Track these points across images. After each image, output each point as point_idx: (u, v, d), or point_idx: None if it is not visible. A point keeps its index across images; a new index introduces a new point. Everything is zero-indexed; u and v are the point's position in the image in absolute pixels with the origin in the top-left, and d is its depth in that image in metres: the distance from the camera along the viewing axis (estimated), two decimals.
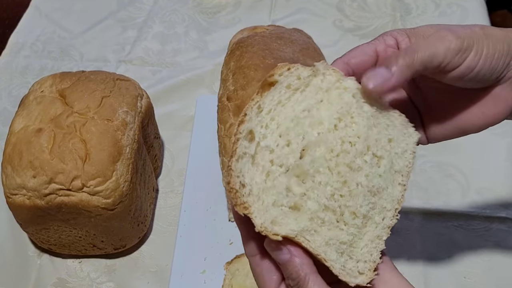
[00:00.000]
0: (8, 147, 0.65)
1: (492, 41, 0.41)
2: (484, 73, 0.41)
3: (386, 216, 0.42)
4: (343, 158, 0.39)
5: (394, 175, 0.42)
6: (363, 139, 0.40)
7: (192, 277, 0.70)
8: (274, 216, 0.38)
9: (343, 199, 0.40)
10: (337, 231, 0.40)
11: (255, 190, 0.38)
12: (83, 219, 0.66)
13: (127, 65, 0.99)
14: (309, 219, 0.39)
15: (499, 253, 0.72)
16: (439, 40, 0.40)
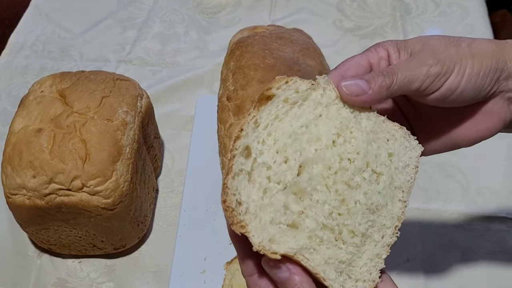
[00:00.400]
0: (8, 147, 0.65)
1: (478, 59, 0.41)
2: (469, 93, 0.41)
3: (386, 234, 0.41)
4: (341, 176, 0.39)
5: (394, 191, 0.41)
6: (362, 155, 0.40)
7: (192, 277, 0.70)
8: (272, 234, 0.37)
9: (341, 217, 0.39)
10: (336, 249, 0.39)
11: (252, 208, 0.37)
12: (83, 219, 0.66)
13: (127, 65, 0.99)
14: (308, 237, 0.38)
15: (499, 253, 0.72)
16: (418, 64, 0.41)
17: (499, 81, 0.42)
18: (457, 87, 0.41)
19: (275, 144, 0.38)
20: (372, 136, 0.41)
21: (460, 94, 0.41)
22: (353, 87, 0.40)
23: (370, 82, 0.40)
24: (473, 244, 0.73)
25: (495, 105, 0.43)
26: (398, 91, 0.41)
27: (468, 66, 0.41)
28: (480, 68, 0.41)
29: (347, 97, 0.40)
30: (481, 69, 0.41)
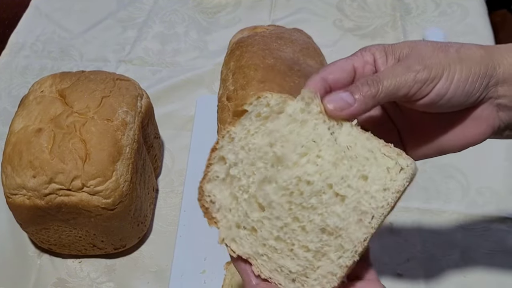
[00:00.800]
0: (8, 147, 0.65)
1: (466, 65, 0.40)
2: (458, 99, 0.41)
3: (343, 256, 0.39)
4: (295, 198, 0.39)
5: (360, 215, 0.38)
6: (324, 177, 0.39)
7: (192, 277, 0.70)
8: (235, 235, 0.42)
9: (293, 232, 0.40)
10: (288, 260, 0.40)
11: (222, 209, 0.42)
12: (83, 219, 0.66)
13: (127, 65, 0.99)
14: (262, 245, 0.41)
15: (499, 253, 0.72)
16: (405, 71, 0.40)
17: (488, 87, 0.41)
18: (446, 93, 0.40)
19: (247, 157, 0.41)
20: (346, 155, 0.39)
21: (449, 100, 0.41)
22: (337, 102, 0.40)
23: (354, 93, 0.40)
24: (473, 244, 0.73)
25: (484, 111, 0.43)
26: (385, 99, 0.40)
27: (457, 71, 0.40)
28: (468, 73, 0.40)
29: (332, 112, 0.40)
30: (469, 75, 0.40)
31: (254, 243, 0.41)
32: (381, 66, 0.42)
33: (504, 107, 0.43)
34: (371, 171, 0.38)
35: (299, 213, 0.39)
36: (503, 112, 0.43)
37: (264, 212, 0.40)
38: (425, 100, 0.41)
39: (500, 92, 0.42)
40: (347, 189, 0.38)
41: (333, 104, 0.40)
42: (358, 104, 0.40)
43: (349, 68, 0.42)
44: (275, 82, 0.67)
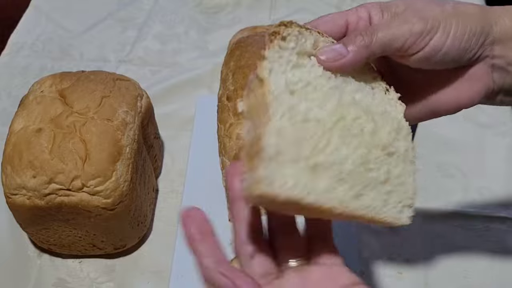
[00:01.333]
0: (8, 147, 0.65)
1: (463, 20, 0.40)
2: (454, 54, 0.40)
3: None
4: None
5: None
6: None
7: (192, 277, 0.69)
8: None
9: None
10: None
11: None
12: (83, 219, 0.66)
13: (127, 65, 0.99)
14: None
15: (499, 253, 0.72)
16: (401, 23, 0.39)
17: (484, 45, 0.41)
18: (442, 47, 0.39)
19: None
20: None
21: (445, 55, 0.40)
22: (330, 52, 0.39)
23: (347, 45, 0.39)
24: (473, 243, 0.73)
25: (478, 71, 0.42)
26: (379, 50, 0.40)
27: (453, 25, 0.39)
28: (465, 29, 0.40)
29: (325, 64, 0.39)
30: (466, 30, 0.40)
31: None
32: (376, 23, 0.42)
33: (498, 68, 0.42)
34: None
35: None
36: (496, 74, 0.42)
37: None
38: (420, 55, 0.40)
39: (495, 52, 0.41)
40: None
41: (326, 55, 0.39)
42: (351, 55, 0.39)
43: (341, 22, 0.42)
44: None
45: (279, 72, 0.39)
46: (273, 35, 0.39)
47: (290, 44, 0.40)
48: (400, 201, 0.41)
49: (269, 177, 0.34)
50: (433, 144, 0.83)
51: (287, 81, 0.38)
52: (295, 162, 0.36)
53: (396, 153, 0.41)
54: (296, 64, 0.40)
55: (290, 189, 0.35)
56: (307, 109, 0.38)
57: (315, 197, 0.36)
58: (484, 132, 0.86)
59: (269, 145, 0.35)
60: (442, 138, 0.83)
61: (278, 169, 0.35)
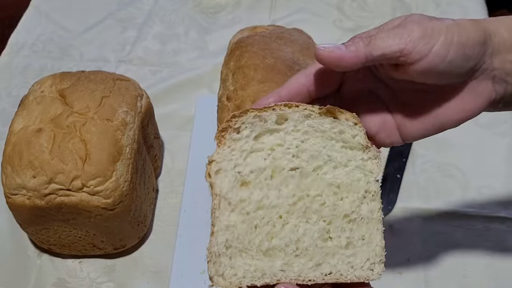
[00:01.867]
0: (8, 147, 0.65)
1: (465, 29, 0.39)
2: (458, 62, 0.39)
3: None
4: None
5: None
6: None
7: (192, 277, 0.70)
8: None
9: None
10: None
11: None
12: (83, 219, 0.66)
13: (127, 65, 0.99)
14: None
15: (499, 253, 0.72)
16: (400, 28, 0.39)
17: (485, 55, 0.41)
18: (447, 54, 0.39)
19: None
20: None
21: (450, 64, 0.39)
22: (330, 47, 0.40)
23: (347, 46, 0.40)
24: (473, 243, 0.73)
25: (480, 84, 0.42)
26: (378, 55, 0.39)
27: (455, 34, 0.39)
28: (468, 37, 0.39)
29: (323, 55, 0.39)
30: (469, 39, 0.39)
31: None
32: None
33: (499, 80, 0.42)
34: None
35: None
36: (498, 85, 0.42)
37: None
38: (424, 63, 0.39)
39: (495, 64, 0.41)
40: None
41: (326, 48, 0.40)
42: (348, 51, 0.39)
43: (303, 78, 0.44)
44: (275, 82, 0.67)
45: (228, 169, 0.41)
46: (223, 131, 0.42)
47: (244, 132, 0.42)
48: (368, 259, 0.43)
49: (217, 272, 0.40)
50: (433, 144, 0.83)
51: (237, 177, 0.41)
52: (246, 251, 0.40)
53: (359, 217, 0.43)
54: (252, 150, 0.42)
55: (239, 279, 0.40)
56: (261, 197, 0.41)
57: (271, 277, 0.40)
58: (484, 132, 0.86)
59: (218, 243, 0.40)
60: (442, 138, 0.83)
61: (227, 262, 0.40)
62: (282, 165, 0.42)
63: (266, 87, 0.67)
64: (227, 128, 0.42)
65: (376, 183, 0.44)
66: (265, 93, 0.65)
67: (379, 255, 0.43)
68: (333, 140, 0.43)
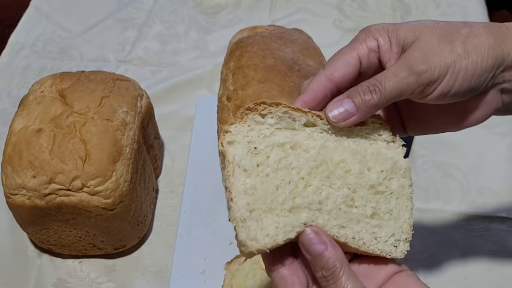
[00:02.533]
0: (8, 147, 0.65)
1: (473, 59, 0.39)
2: (463, 93, 0.40)
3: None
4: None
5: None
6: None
7: (192, 277, 0.70)
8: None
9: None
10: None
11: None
12: (83, 219, 0.66)
13: (127, 65, 0.99)
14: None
15: (499, 253, 0.72)
16: (408, 73, 0.39)
17: (495, 77, 0.41)
18: (449, 91, 0.40)
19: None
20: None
21: (453, 96, 0.40)
22: (339, 110, 0.40)
23: (355, 100, 0.40)
24: (473, 244, 0.73)
25: (488, 96, 0.43)
26: (388, 103, 0.40)
27: (462, 69, 0.39)
28: (474, 70, 0.39)
29: (334, 123, 0.41)
30: (476, 70, 0.39)
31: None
32: (385, 54, 0.42)
33: (507, 91, 0.42)
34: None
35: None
36: (506, 96, 0.43)
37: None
38: (427, 99, 0.41)
39: (506, 77, 0.41)
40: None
41: (334, 115, 0.41)
42: (359, 113, 0.40)
43: (353, 62, 0.42)
44: (275, 82, 0.67)
45: (242, 142, 0.40)
46: (248, 110, 0.41)
47: (268, 120, 0.41)
48: (393, 235, 0.42)
49: (249, 237, 0.38)
50: (433, 144, 0.83)
51: (251, 148, 0.40)
52: (270, 211, 0.39)
53: (388, 191, 0.43)
54: (271, 135, 0.41)
55: (272, 237, 0.38)
56: (279, 159, 0.40)
57: (300, 227, 0.39)
58: (484, 132, 0.85)
59: (239, 208, 0.38)
60: (442, 138, 0.83)
61: (255, 225, 0.38)
62: (301, 141, 0.41)
63: (266, 87, 0.67)
64: (253, 109, 0.40)
65: (405, 161, 0.43)
66: (265, 93, 0.65)
67: (406, 232, 0.42)
68: (358, 137, 0.44)
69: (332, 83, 0.42)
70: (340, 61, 0.42)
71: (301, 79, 0.68)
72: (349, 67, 0.42)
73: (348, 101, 0.40)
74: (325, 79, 0.42)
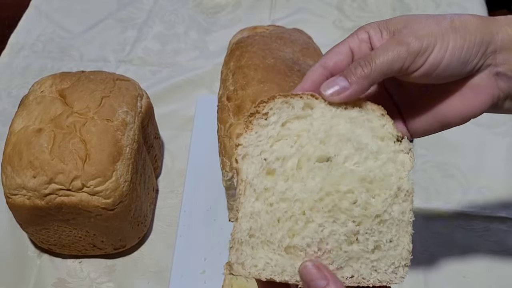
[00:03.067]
0: (8, 147, 0.65)
1: (461, 34, 0.40)
2: (455, 67, 0.40)
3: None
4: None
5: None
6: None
7: (192, 277, 0.70)
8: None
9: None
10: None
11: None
12: (83, 219, 0.66)
13: (127, 65, 0.99)
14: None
15: (499, 253, 0.72)
16: (397, 45, 0.40)
17: (486, 54, 0.41)
18: (441, 62, 0.40)
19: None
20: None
21: (445, 69, 0.40)
22: (333, 87, 0.41)
23: (348, 77, 0.41)
24: (473, 243, 0.73)
25: (483, 80, 0.42)
26: (380, 76, 0.40)
27: (450, 40, 0.40)
28: (463, 42, 0.40)
29: (330, 98, 0.41)
30: (464, 43, 0.40)
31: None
32: (376, 43, 0.43)
33: (503, 76, 0.42)
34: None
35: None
36: (501, 81, 0.43)
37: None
38: (420, 72, 0.41)
39: (498, 60, 0.42)
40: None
41: (329, 90, 0.41)
42: (353, 87, 0.41)
43: (345, 51, 0.43)
44: (275, 82, 0.67)
45: (255, 155, 0.40)
46: (251, 116, 0.41)
47: (272, 119, 0.41)
48: (393, 263, 0.41)
49: (238, 261, 0.38)
50: (433, 144, 0.83)
51: (263, 164, 0.40)
52: (268, 244, 0.39)
53: (390, 219, 0.41)
54: (279, 136, 0.41)
55: (258, 270, 0.38)
56: (285, 189, 0.39)
57: (290, 276, 0.39)
58: (484, 132, 0.86)
59: (241, 229, 0.38)
60: (442, 138, 0.83)
61: (249, 252, 0.38)
62: (309, 152, 0.40)
63: (266, 87, 0.67)
64: (255, 113, 0.41)
65: (408, 181, 0.41)
66: (265, 93, 0.65)
67: (405, 258, 0.41)
68: (362, 127, 0.42)
69: (327, 70, 0.43)
70: (332, 52, 0.43)
71: (301, 79, 0.67)
72: (341, 55, 0.43)
73: (341, 77, 0.41)
74: (319, 67, 0.43)
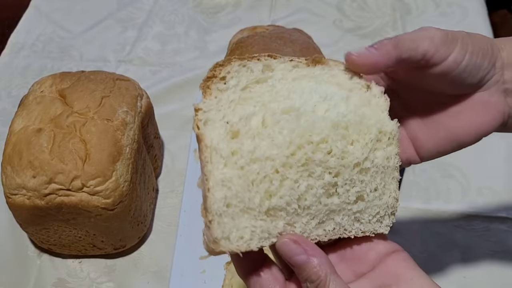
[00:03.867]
0: (8, 147, 0.65)
1: (477, 40, 0.42)
2: (471, 70, 0.41)
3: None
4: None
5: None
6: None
7: (192, 277, 0.70)
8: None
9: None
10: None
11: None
12: (83, 219, 0.66)
13: (127, 65, 0.99)
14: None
15: (499, 253, 0.72)
16: (424, 31, 0.41)
17: (495, 67, 0.42)
18: (462, 60, 0.40)
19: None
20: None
21: (463, 70, 0.41)
22: (361, 51, 0.41)
23: (378, 49, 0.41)
24: (473, 244, 0.73)
25: (492, 96, 0.43)
26: (406, 54, 0.40)
27: (469, 43, 0.41)
28: (480, 48, 0.41)
29: (356, 61, 0.40)
30: (480, 50, 0.41)
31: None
32: None
33: (511, 93, 0.43)
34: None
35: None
36: (510, 98, 0.43)
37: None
38: (442, 66, 0.41)
39: (506, 77, 0.43)
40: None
41: (357, 52, 0.40)
42: (379, 52, 0.40)
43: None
44: None
45: (217, 120, 0.36)
46: (208, 80, 0.37)
47: (231, 82, 0.38)
48: (378, 213, 0.39)
49: (223, 235, 0.35)
50: None
51: (226, 128, 0.36)
52: (248, 211, 0.36)
53: (373, 167, 0.39)
54: (240, 99, 0.38)
55: (247, 241, 0.35)
56: (253, 148, 0.36)
57: (276, 237, 0.36)
58: None
59: (216, 200, 0.34)
60: None
61: (231, 223, 0.35)
62: (273, 108, 0.37)
63: None
64: (212, 77, 0.37)
65: (391, 122, 0.40)
66: None
67: (391, 206, 0.39)
68: (327, 83, 0.39)
69: None
70: None
71: None
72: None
73: (369, 46, 0.41)
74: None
